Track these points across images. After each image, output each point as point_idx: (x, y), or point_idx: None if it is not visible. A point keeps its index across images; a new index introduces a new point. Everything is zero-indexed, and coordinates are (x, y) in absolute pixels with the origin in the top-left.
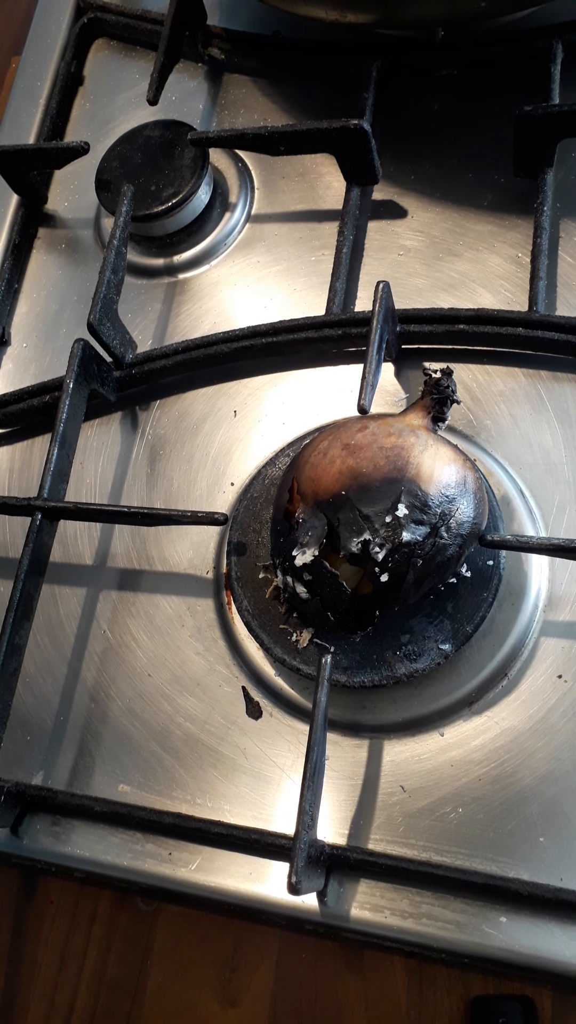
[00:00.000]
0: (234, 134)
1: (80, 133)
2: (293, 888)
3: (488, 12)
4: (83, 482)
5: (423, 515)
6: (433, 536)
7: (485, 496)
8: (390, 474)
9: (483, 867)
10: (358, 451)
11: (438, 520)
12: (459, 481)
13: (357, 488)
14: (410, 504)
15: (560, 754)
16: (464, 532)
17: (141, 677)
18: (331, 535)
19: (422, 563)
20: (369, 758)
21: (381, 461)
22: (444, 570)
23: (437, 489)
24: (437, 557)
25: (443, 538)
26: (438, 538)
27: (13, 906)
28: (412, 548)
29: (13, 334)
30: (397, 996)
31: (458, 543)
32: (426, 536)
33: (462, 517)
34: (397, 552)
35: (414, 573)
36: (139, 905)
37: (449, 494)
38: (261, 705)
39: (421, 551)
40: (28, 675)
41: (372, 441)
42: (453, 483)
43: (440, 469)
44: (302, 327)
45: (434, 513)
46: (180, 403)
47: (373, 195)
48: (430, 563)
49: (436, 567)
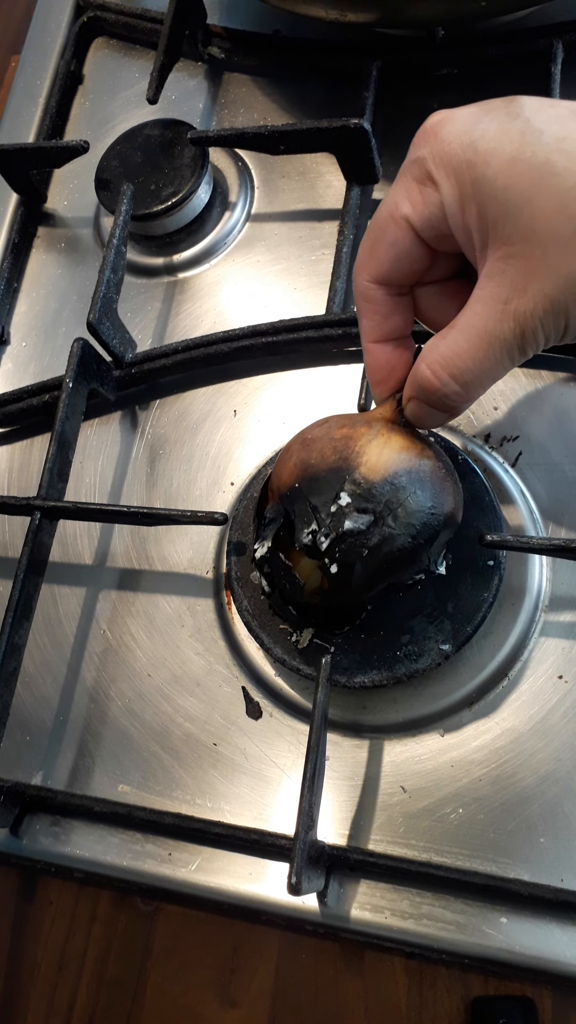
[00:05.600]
0: (234, 133)
1: (80, 132)
2: (293, 888)
3: (488, 12)
4: (83, 482)
5: (366, 503)
6: (379, 525)
7: (451, 486)
8: (335, 464)
9: (483, 868)
10: (311, 444)
11: (383, 508)
12: (408, 469)
13: (307, 480)
14: (352, 492)
15: (560, 754)
16: (416, 522)
17: (141, 677)
18: (288, 528)
19: (368, 553)
20: (369, 758)
21: (328, 452)
22: (399, 562)
23: (381, 477)
24: (384, 547)
25: (390, 527)
26: (385, 527)
27: (13, 906)
28: (357, 538)
29: (13, 333)
30: (397, 997)
31: (409, 533)
32: (370, 525)
33: (412, 506)
34: (343, 542)
35: (362, 564)
36: (139, 905)
37: (397, 482)
38: (261, 705)
39: (367, 541)
40: (28, 675)
41: (325, 433)
42: (401, 471)
43: (387, 457)
44: (302, 327)
45: (378, 501)
46: (180, 403)
47: (373, 194)
48: (377, 553)
49: (387, 558)
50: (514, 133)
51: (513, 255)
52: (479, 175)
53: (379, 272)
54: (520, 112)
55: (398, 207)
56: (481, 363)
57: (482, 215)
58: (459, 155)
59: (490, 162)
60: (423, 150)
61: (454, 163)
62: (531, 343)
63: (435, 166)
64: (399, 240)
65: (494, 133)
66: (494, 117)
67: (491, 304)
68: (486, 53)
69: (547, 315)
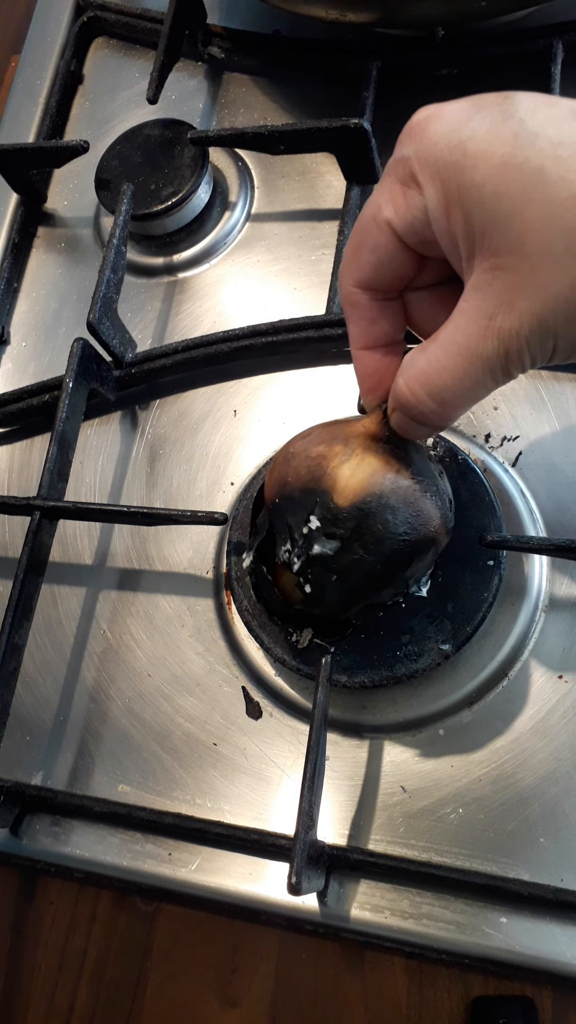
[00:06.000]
0: (234, 133)
1: (80, 132)
2: (293, 888)
3: (488, 12)
4: (83, 482)
5: (334, 528)
6: (347, 551)
7: (429, 508)
8: (307, 484)
9: (483, 867)
10: (290, 460)
11: (350, 535)
12: (379, 493)
13: (284, 498)
14: (321, 516)
15: (560, 754)
16: (385, 548)
17: (141, 677)
18: (271, 541)
19: (336, 577)
20: (369, 758)
21: (303, 471)
22: (370, 586)
23: (350, 502)
24: (353, 572)
25: (358, 553)
26: (353, 553)
27: (13, 906)
28: (326, 562)
29: (12, 333)
30: (397, 996)
31: (378, 560)
32: (337, 551)
33: (381, 532)
34: (313, 565)
35: (332, 588)
36: (139, 905)
37: (366, 508)
38: (261, 705)
39: (335, 565)
40: (28, 675)
41: (303, 450)
42: (371, 496)
43: (357, 480)
44: (302, 326)
45: (346, 527)
46: (180, 402)
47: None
48: (347, 577)
49: (357, 583)
50: (507, 135)
51: (500, 267)
52: (466, 180)
53: (361, 277)
54: (515, 111)
55: (380, 210)
56: (460, 382)
57: (468, 223)
58: (445, 156)
59: (479, 166)
60: (408, 148)
61: (440, 165)
62: (515, 364)
63: (420, 167)
64: (381, 245)
65: (484, 134)
66: (486, 115)
67: (475, 319)
68: (486, 53)
69: (533, 335)
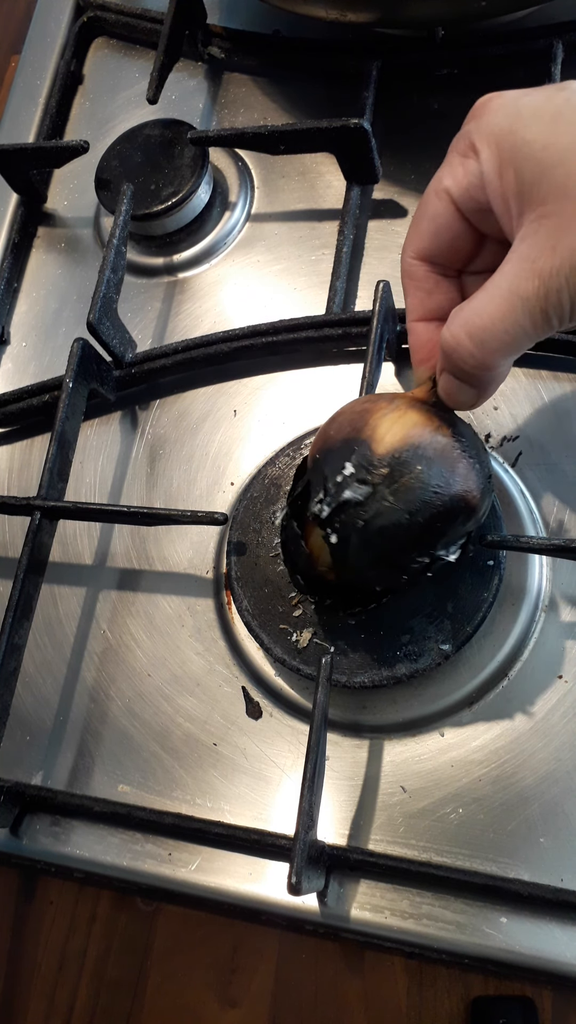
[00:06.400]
0: (234, 133)
1: (80, 132)
2: (293, 888)
3: (488, 12)
4: (83, 482)
5: (368, 475)
6: (377, 498)
7: (466, 470)
8: (348, 435)
9: (483, 868)
10: (336, 418)
11: (382, 481)
12: (416, 444)
13: (324, 452)
14: (357, 463)
15: (560, 754)
16: (415, 498)
17: (141, 677)
18: (305, 498)
19: (363, 525)
20: (369, 758)
21: (346, 425)
22: (395, 539)
23: (386, 450)
24: (378, 520)
25: (387, 500)
26: (383, 500)
27: (13, 906)
28: (355, 509)
29: (13, 333)
30: (397, 997)
31: (407, 508)
32: (368, 497)
33: (412, 482)
34: (342, 512)
35: (357, 536)
36: (139, 905)
37: (401, 456)
38: (261, 705)
39: (363, 513)
40: (28, 675)
41: (350, 408)
42: (408, 446)
43: (396, 431)
44: (302, 326)
45: (378, 473)
46: (180, 403)
47: (373, 194)
48: (372, 526)
49: (382, 532)
50: (559, 100)
51: (546, 215)
52: (519, 139)
53: (420, 247)
54: (567, 87)
55: (440, 181)
56: (499, 323)
57: (519, 179)
58: (501, 123)
59: (531, 125)
60: (470, 125)
61: (496, 131)
62: (554, 305)
63: (478, 137)
64: (439, 213)
65: (538, 101)
66: (541, 91)
67: (518, 264)
68: (486, 53)
69: (574, 272)
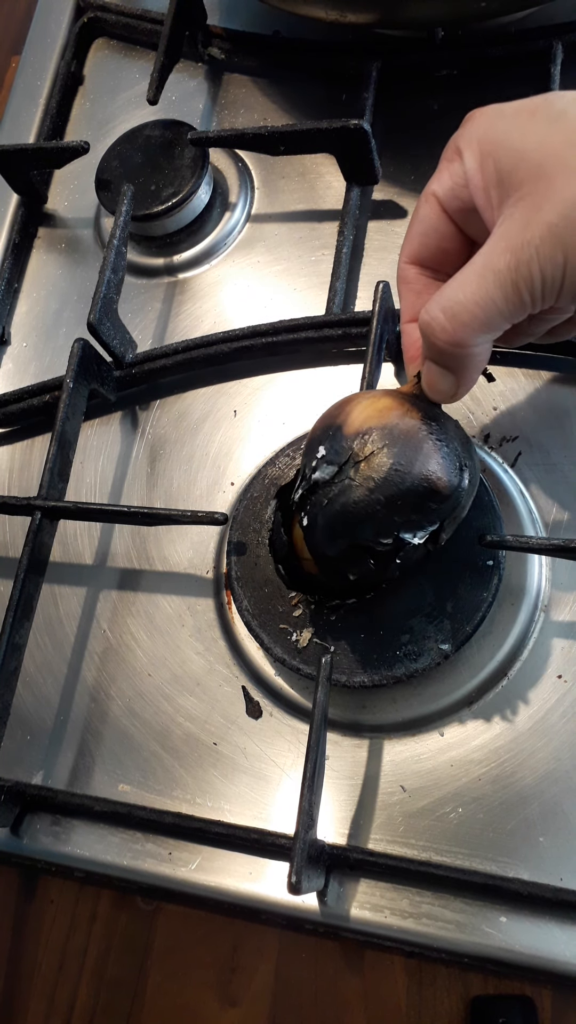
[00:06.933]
0: (234, 134)
1: (80, 133)
2: (293, 888)
3: (488, 12)
4: (83, 482)
5: (336, 455)
6: (342, 476)
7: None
8: (327, 423)
9: (483, 867)
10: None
11: (347, 460)
12: (383, 425)
13: (308, 441)
14: (328, 446)
15: (560, 754)
16: (376, 476)
17: (141, 677)
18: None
19: (327, 503)
20: (369, 758)
21: (328, 414)
22: (356, 517)
23: (354, 430)
24: (341, 498)
25: (350, 478)
26: (347, 478)
27: (13, 906)
28: (323, 489)
29: (13, 334)
30: (397, 996)
31: (368, 486)
32: (333, 475)
33: (374, 459)
34: (313, 493)
35: (323, 516)
36: (139, 905)
37: (367, 437)
38: (261, 705)
39: (329, 492)
40: (28, 675)
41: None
42: (375, 426)
43: (366, 414)
44: (302, 327)
45: (344, 452)
46: (180, 403)
47: (373, 195)
48: (335, 504)
49: (344, 510)
50: (537, 100)
51: (522, 197)
52: (498, 133)
53: (411, 251)
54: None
55: (429, 187)
56: (471, 295)
57: (498, 168)
58: (483, 125)
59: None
60: (457, 133)
61: (478, 133)
62: (525, 277)
63: (462, 141)
64: (427, 217)
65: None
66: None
67: (493, 242)
68: (486, 53)
69: (544, 243)
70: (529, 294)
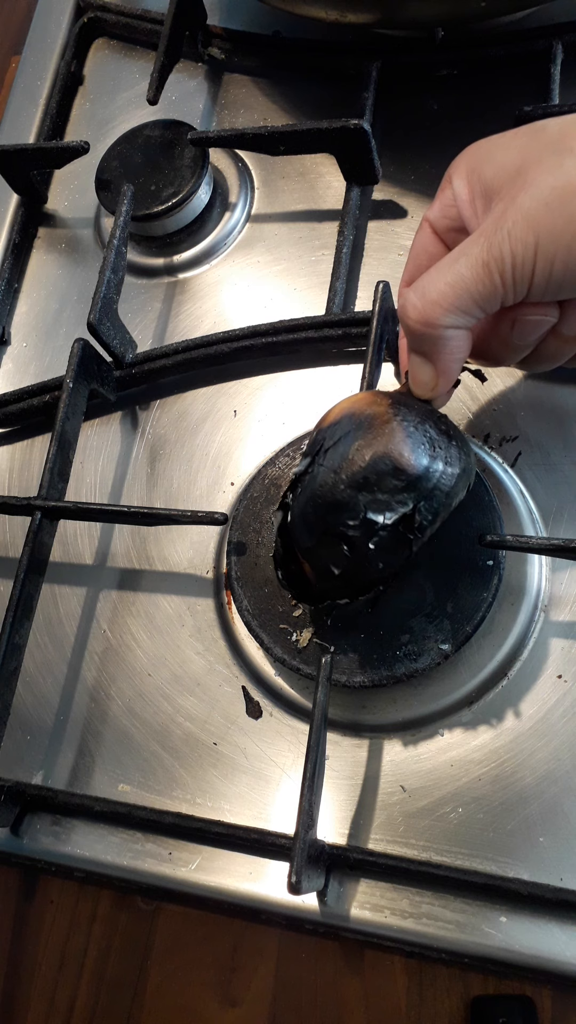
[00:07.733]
0: (234, 134)
1: (80, 133)
2: (293, 888)
3: (488, 12)
4: (83, 482)
5: (310, 448)
6: (314, 465)
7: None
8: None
9: (483, 867)
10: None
11: (318, 450)
12: (351, 412)
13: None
14: (309, 443)
15: (560, 754)
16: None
17: (141, 677)
18: None
19: (300, 491)
20: (369, 758)
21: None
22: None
23: (328, 423)
24: (311, 484)
25: (320, 464)
26: (317, 466)
27: (13, 906)
28: (299, 481)
29: (13, 334)
30: (397, 996)
31: (332, 467)
32: (308, 466)
33: (341, 447)
34: (294, 489)
35: (299, 505)
36: (139, 905)
37: (337, 426)
38: (261, 705)
39: (304, 482)
40: (28, 675)
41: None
42: (345, 416)
43: (342, 407)
44: (302, 327)
45: (317, 443)
46: (180, 403)
47: (373, 195)
48: (307, 491)
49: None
50: (522, 127)
51: (501, 197)
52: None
53: (407, 276)
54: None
55: (425, 216)
56: (443, 275)
57: (482, 180)
58: (472, 151)
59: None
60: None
61: (466, 158)
62: (496, 258)
63: (453, 169)
64: (420, 240)
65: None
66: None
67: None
68: (486, 53)
69: (516, 226)
70: (499, 275)
